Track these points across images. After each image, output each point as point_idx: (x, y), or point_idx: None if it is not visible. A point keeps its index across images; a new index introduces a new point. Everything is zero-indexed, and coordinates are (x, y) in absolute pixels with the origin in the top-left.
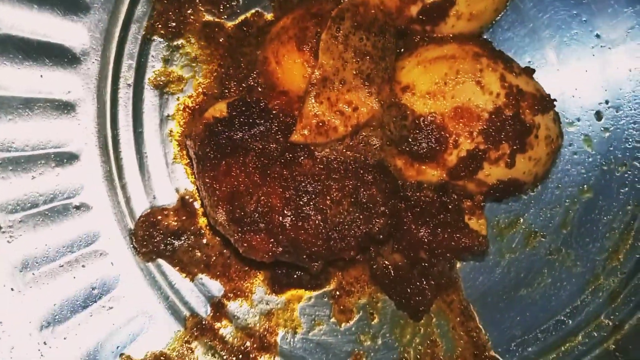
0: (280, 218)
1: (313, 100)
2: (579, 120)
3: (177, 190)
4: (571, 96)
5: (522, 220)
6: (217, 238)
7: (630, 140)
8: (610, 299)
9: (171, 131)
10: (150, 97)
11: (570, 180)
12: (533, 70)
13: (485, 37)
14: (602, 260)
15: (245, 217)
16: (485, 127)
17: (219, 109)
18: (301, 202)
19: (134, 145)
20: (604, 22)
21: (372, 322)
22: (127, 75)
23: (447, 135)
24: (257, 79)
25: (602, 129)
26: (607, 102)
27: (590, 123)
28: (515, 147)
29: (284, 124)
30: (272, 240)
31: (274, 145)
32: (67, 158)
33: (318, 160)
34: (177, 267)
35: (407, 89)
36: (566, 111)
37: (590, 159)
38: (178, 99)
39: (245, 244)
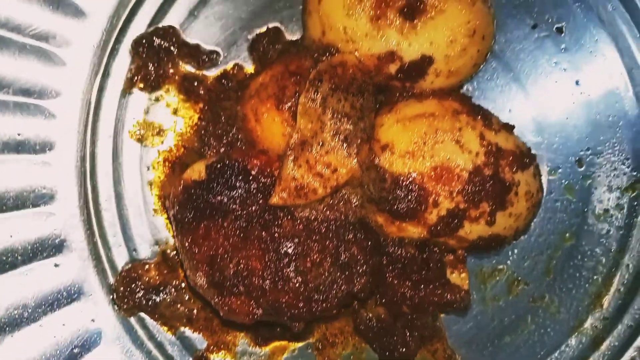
0: (260, 281)
1: (291, 164)
2: (560, 168)
3: (158, 243)
4: (552, 145)
5: (505, 268)
6: None
7: (612, 186)
8: (594, 344)
9: (151, 183)
10: (130, 148)
11: (552, 227)
12: (512, 127)
13: (467, 85)
14: (585, 306)
15: (225, 280)
16: (464, 186)
17: (198, 170)
18: (281, 264)
19: (113, 197)
20: (583, 70)
21: None
22: (107, 127)
23: (427, 195)
24: (237, 134)
25: (584, 176)
26: (588, 149)
27: (571, 170)
28: (495, 206)
29: (263, 185)
30: (253, 303)
31: (254, 207)
32: (45, 214)
33: (298, 220)
34: (159, 321)
35: (387, 147)
36: (547, 160)
37: (572, 206)
38: (158, 152)
39: (225, 307)
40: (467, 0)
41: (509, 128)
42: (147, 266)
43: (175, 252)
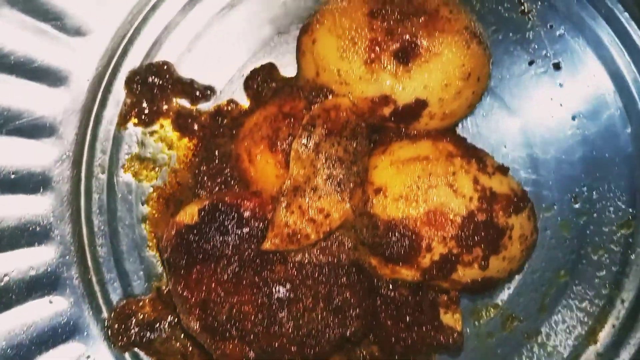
0: (253, 325)
1: (284, 211)
2: (555, 205)
3: (152, 279)
4: (548, 181)
5: (499, 304)
6: None
7: (607, 223)
8: None
9: (146, 219)
10: (124, 184)
11: (547, 264)
12: (507, 169)
13: (463, 120)
14: (580, 342)
15: (218, 325)
16: (458, 232)
17: (190, 213)
18: (274, 309)
19: (108, 232)
20: (580, 106)
21: None
22: (101, 161)
23: (420, 239)
24: (231, 173)
25: (579, 212)
26: (583, 185)
27: (567, 207)
28: (488, 251)
29: (256, 230)
30: (246, 347)
31: (246, 252)
32: (40, 252)
33: (291, 265)
34: (154, 358)
35: (380, 191)
36: (543, 196)
37: (567, 243)
38: (153, 187)
39: (218, 351)
40: (462, 43)
41: (503, 170)
42: (141, 302)
43: (168, 288)
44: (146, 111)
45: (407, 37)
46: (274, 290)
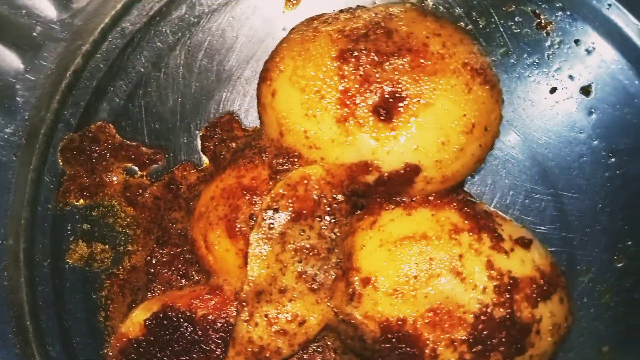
0: None
1: (245, 325)
2: (593, 267)
3: None
4: (583, 238)
5: None
6: None
7: None
8: None
9: (100, 310)
10: (71, 271)
11: (586, 340)
12: (530, 241)
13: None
14: None
15: None
16: (469, 334)
17: (137, 323)
18: None
19: (58, 328)
20: (618, 140)
21: None
22: (42, 247)
23: (423, 345)
24: (190, 257)
25: (624, 274)
26: (628, 240)
27: (607, 268)
28: (510, 354)
29: (215, 343)
30: None
31: None
32: None
33: None
34: None
35: (369, 282)
36: (576, 259)
37: (610, 313)
38: (104, 275)
39: None
40: (461, 87)
41: (525, 244)
42: None
43: None
44: (87, 185)
45: (388, 84)
46: None
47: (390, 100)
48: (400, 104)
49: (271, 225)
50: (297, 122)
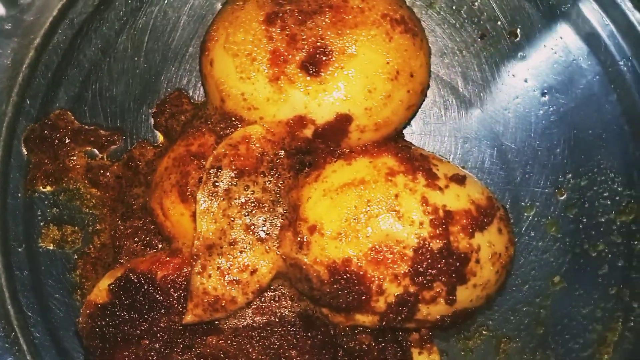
0: None
1: (199, 277)
2: (537, 202)
3: None
4: (524, 175)
5: (487, 327)
6: None
7: (603, 212)
8: None
9: (76, 289)
10: (46, 254)
11: (537, 273)
12: (464, 177)
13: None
14: (588, 356)
15: None
16: (411, 267)
17: (103, 289)
18: None
19: (39, 310)
20: (549, 79)
21: None
22: (15, 234)
23: (369, 282)
24: (151, 227)
25: (567, 205)
26: (567, 172)
27: (551, 202)
28: (452, 284)
29: (177, 300)
30: None
31: (170, 327)
32: None
33: (224, 334)
34: None
35: (315, 229)
36: (520, 196)
37: (558, 244)
38: (77, 254)
39: None
40: (382, 36)
41: (459, 180)
42: None
43: None
44: (51, 171)
45: (314, 41)
46: None
47: (317, 55)
48: (326, 58)
49: (216, 183)
50: (234, 86)
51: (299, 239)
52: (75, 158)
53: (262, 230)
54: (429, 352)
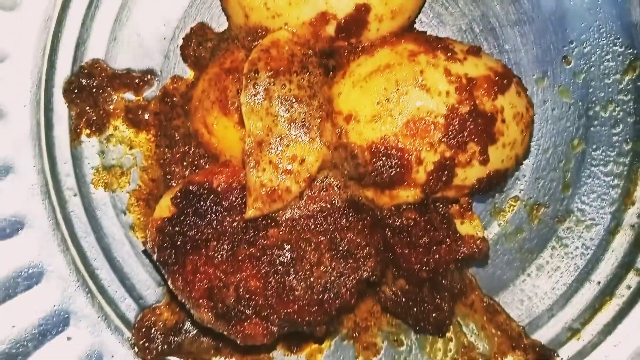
0: (265, 299)
1: (254, 172)
2: (547, 72)
3: (161, 284)
4: (531, 49)
5: (518, 196)
6: None
7: (609, 74)
8: (636, 245)
9: (133, 227)
10: (99, 199)
11: (557, 139)
12: (479, 48)
13: (421, 15)
14: (617, 209)
15: (229, 309)
16: (444, 133)
17: (165, 206)
18: (280, 275)
19: (101, 252)
20: None
21: (400, 349)
22: (69, 184)
23: (408, 154)
24: (197, 151)
25: (575, 72)
26: (571, 41)
27: (560, 71)
28: (483, 143)
29: (236, 200)
30: (264, 323)
31: (234, 226)
32: (40, 293)
33: (283, 225)
34: (189, 359)
35: (351, 117)
36: (530, 69)
37: (571, 110)
38: (128, 193)
39: (239, 335)
40: None
41: (475, 52)
42: (158, 310)
43: None
44: (94, 118)
45: None
46: (274, 256)
47: None
48: None
49: (255, 85)
50: None
51: (337, 130)
52: (114, 103)
53: (304, 123)
54: (470, 220)
